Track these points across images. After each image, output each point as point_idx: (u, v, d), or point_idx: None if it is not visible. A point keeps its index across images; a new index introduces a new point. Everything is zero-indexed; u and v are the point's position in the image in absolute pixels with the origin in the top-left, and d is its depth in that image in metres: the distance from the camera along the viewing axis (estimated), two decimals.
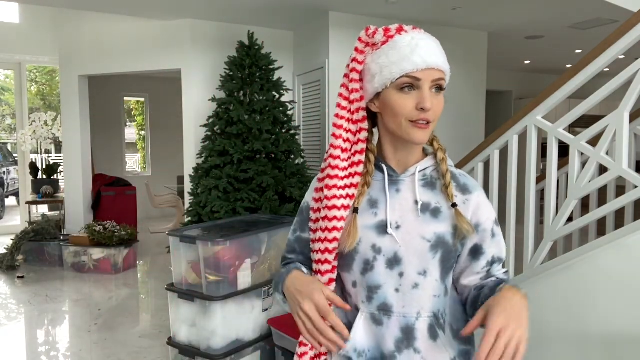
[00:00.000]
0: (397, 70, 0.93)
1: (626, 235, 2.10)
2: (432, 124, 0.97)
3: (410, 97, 0.94)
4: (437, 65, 0.95)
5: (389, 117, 0.97)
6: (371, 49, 0.98)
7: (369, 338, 0.99)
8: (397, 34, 0.96)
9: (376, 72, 0.96)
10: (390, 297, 0.98)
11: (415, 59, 0.93)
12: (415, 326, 0.99)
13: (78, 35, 5.75)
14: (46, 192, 6.44)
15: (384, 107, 0.98)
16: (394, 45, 0.95)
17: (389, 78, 0.94)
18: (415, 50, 0.93)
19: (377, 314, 0.99)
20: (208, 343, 2.58)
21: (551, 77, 8.68)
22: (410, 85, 0.94)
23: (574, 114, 2.31)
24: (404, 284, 0.98)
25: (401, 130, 0.96)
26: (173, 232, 2.70)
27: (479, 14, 4.89)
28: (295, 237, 1.13)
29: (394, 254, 0.98)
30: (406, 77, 0.93)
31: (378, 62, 0.96)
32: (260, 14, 4.85)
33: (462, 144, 5.52)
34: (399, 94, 0.94)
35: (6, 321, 3.86)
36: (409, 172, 1.04)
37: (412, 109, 0.94)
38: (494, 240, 1.06)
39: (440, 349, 1.00)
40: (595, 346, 2.24)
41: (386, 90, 0.96)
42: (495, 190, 2.73)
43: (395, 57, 0.94)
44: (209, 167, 4.20)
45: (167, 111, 8.70)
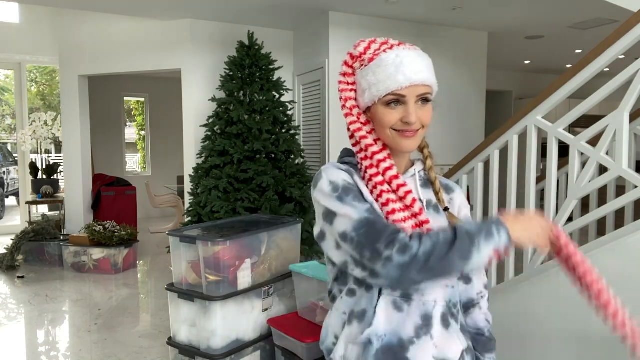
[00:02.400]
0: (383, 89, 1.00)
1: (626, 235, 2.10)
2: (421, 131, 1.04)
3: (396, 111, 1.01)
4: (421, 82, 1.01)
5: (378, 127, 1.04)
6: (360, 64, 1.05)
7: (388, 323, 1.01)
8: (382, 52, 1.02)
9: (365, 88, 1.03)
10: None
11: (399, 78, 0.99)
12: (432, 314, 1.02)
13: (78, 35, 5.75)
14: (46, 192, 6.44)
15: (374, 120, 1.05)
16: (379, 64, 1.01)
17: (377, 95, 1.01)
18: (400, 69, 0.99)
19: (398, 300, 1.02)
20: (208, 343, 2.58)
21: (551, 77, 8.68)
22: (396, 100, 1.01)
23: (574, 114, 2.31)
24: None
25: (389, 139, 1.04)
26: (173, 232, 2.70)
27: (479, 14, 4.89)
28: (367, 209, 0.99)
29: None
30: (391, 95, 1.00)
31: (366, 79, 1.03)
32: (260, 14, 4.85)
33: (462, 144, 5.52)
34: (386, 109, 1.01)
35: (6, 321, 3.86)
36: (409, 174, 1.12)
37: (397, 121, 1.01)
38: None
39: (453, 337, 1.04)
40: (595, 346, 2.24)
41: (375, 106, 1.03)
42: (495, 190, 2.73)
43: (381, 75, 1.00)
44: (209, 167, 4.20)
45: (167, 111, 8.70)
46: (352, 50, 1.07)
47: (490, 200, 2.73)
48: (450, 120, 5.50)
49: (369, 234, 0.94)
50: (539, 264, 2.48)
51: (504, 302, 2.65)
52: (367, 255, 0.93)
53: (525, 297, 2.54)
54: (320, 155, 4.90)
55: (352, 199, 0.99)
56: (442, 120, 5.47)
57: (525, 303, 2.54)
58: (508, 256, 1.08)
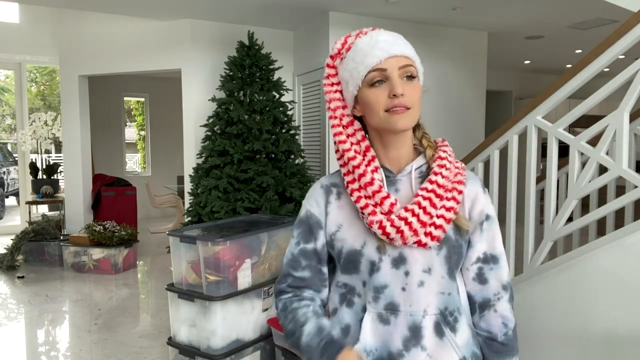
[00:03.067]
0: (363, 68, 0.98)
1: (626, 235, 2.10)
2: (412, 110, 0.99)
3: (382, 89, 0.98)
4: (400, 53, 0.99)
5: (369, 113, 1.01)
6: (340, 60, 1.05)
7: (376, 338, 1.00)
8: (357, 39, 1.03)
9: (348, 77, 1.01)
10: (397, 296, 0.99)
11: (376, 52, 0.98)
12: (422, 324, 0.99)
13: (78, 35, 5.75)
14: (46, 192, 6.44)
15: (364, 107, 1.02)
16: (355, 49, 1.01)
17: (359, 77, 0.99)
18: (375, 45, 0.99)
19: (384, 314, 1.00)
20: (208, 343, 2.58)
21: (551, 77, 8.68)
22: (380, 79, 0.98)
23: (574, 114, 2.31)
24: (410, 282, 0.99)
25: (383, 122, 0.99)
26: (173, 232, 2.70)
27: (479, 14, 4.89)
28: (300, 250, 1.09)
29: (398, 253, 1.00)
30: (373, 72, 0.98)
31: (347, 69, 1.02)
32: (260, 14, 4.85)
33: (462, 144, 5.52)
34: (371, 89, 0.99)
35: (6, 321, 3.86)
36: (406, 171, 1.05)
37: (385, 98, 0.97)
38: (483, 236, 1.07)
39: (447, 347, 1.00)
40: (595, 346, 2.24)
41: (361, 90, 1.00)
42: (495, 190, 2.73)
43: (359, 57, 0.99)
44: (209, 167, 4.20)
45: (167, 111, 8.70)
46: (331, 51, 1.06)
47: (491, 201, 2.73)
48: (450, 120, 5.50)
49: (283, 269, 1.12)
50: (539, 264, 2.48)
51: None
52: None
53: (525, 297, 2.54)
54: (320, 155, 4.90)
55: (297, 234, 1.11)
56: (442, 121, 5.47)
57: (525, 303, 2.54)
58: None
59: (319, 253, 1.08)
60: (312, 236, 1.08)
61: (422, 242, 0.97)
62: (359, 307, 1.03)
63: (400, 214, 0.97)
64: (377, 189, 0.99)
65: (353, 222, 1.03)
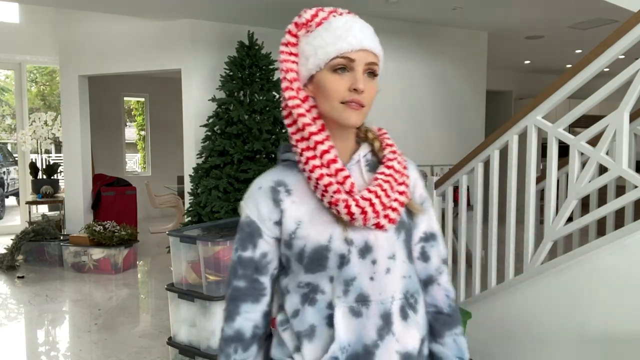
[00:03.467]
0: (332, 50, 0.93)
1: (626, 235, 2.10)
2: (366, 109, 0.97)
3: (344, 79, 0.94)
4: (371, 48, 0.96)
5: (323, 99, 0.97)
6: (305, 31, 0.98)
7: (349, 333, 0.97)
8: (332, 17, 0.98)
9: (310, 53, 0.96)
10: (366, 286, 0.98)
11: (350, 39, 0.93)
12: (391, 310, 0.99)
13: (78, 35, 5.75)
14: (46, 192, 6.44)
15: (318, 90, 0.97)
16: (328, 27, 0.96)
17: (324, 59, 0.94)
18: (350, 31, 0.94)
19: (355, 306, 0.97)
20: (208, 343, 2.58)
21: (551, 77, 8.67)
22: (344, 67, 0.94)
23: (574, 114, 2.31)
24: (378, 270, 0.98)
25: (335, 113, 0.96)
26: (173, 232, 2.70)
27: (479, 14, 4.89)
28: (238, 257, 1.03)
29: (364, 243, 0.98)
30: (340, 58, 0.93)
31: (313, 44, 0.96)
32: (260, 14, 4.85)
33: (462, 144, 5.52)
34: (333, 75, 0.95)
35: (6, 321, 3.86)
36: (354, 160, 1.04)
37: (345, 90, 0.94)
38: (424, 217, 1.10)
39: (411, 328, 1.01)
40: (595, 346, 2.24)
41: (320, 72, 0.96)
42: (495, 190, 2.73)
43: (329, 38, 0.94)
44: (209, 167, 4.20)
45: (167, 111, 8.70)
46: (297, 19, 1.00)
47: (490, 200, 2.73)
48: (450, 120, 5.50)
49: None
50: (539, 264, 2.48)
51: (504, 302, 2.65)
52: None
53: (525, 297, 2.54)
54: None
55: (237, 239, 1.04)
56: (442, 120, 5.47)
57: (525, 303, 2.54)
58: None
59: (256, 262, 1.01)
60: (249, 244, 1.01)
61: (380, 224, 0.97)
62: (322, 305, 0.98)
63: (364, 195, 0.95)
64: (333, 157, 0.96)
65: (314, 217, 0.98)
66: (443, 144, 5.50)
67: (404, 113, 5.22)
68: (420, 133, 5.33)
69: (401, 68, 5.12)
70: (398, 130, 5.33)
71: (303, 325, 0.99)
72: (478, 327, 2.70)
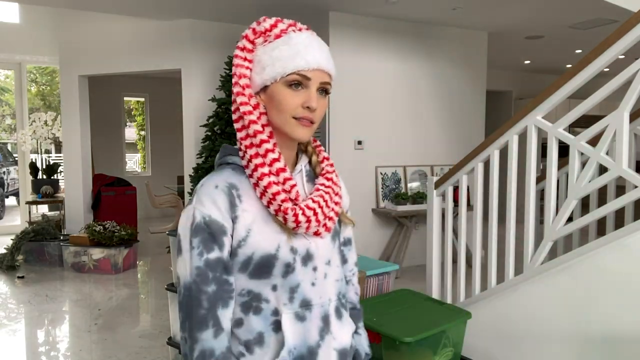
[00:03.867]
0: (291, 66, 0.95)
1: (626, 235, 2.10)
2: (315, 125, 0.99)
3: (298, 95, 0.96)
4: (327, 68, 0.98)
5: (275, 111, 0.98)
6: (263, 40, 1.00)
7: (295, 336, 1.00)
8: (291, 31, 0.99)
9: (267, 64, 0.97)
10: (308, 292, 1.02)
11: (308, 58, 0.95)
12: (329, 312, 1.05)
13: (78, 35, 5.75)
14: (46, 192, 6.44)
15: (271, 101, 0.98)
16: (288, 41, 0.97)
17: (281, 72, 0.95)
18: (309, 49, 0.96)
19: (300, 311, 1.01)
20: None
21: (551, 77, 8.68)
22: (299, 83, 0.96)
23: (574, 114, 2.31)
24: (318, 276, 1.04)
25: (286, 127, 0.98)
26: (173, 232, 2.70)
27: (479, 14, 4.89)
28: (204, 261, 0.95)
29: (306, 251, 1.02)
30: (297, 75, 0.95)
31: (271, 55, 0.97)
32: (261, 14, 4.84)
33: (462, 144, 5.52)
34: (288, 89, 0.96)
35: (6, 321, 3.86)
36: (297, 170, 1.07)
37: (297, 106, 0.96)
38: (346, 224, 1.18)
39: (344, 326, 1.09)
40: (595, 346, 2.24)
41: (275, 84, 0.97)
42: (495, 190, 2.73)
43: (288, 52, 0.96)
44: (209, 167, 4.20)
45: (167, 111, 8.70)
46: (255, 25, 1.01)
47: (490, 200, 2.74)
48: (450, 120, 5.50)
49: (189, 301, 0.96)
50: (539, 264, 2.48)
51: (504, 302, 2.65)
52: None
53: (525, 297, 2.54)
54: None
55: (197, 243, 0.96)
56: (442, 120, 5.47)
57: (525, 303, 2.55)
58: None
59: (224, 262, 0.97)
60: (214, 244, 0.95)
61: (318, 232, 1.02)
62: (267, 312, 0.99)
63: (309, 204, 0.99)
64: (282, 166, 0.98)
65: (263, 226, 0.98)
66: (443, 144, 5.50)
67: (404, 113, 5.22)
68: (420, 133, 5.34)
69: (401, 68, 5.12)
70: (398, 130, 5.35)
71: (251, 333, 0.99)
72: (478, 327, 2.70)
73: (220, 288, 0.96)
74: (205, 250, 0.95)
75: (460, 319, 2.47)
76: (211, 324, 0.93)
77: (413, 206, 4.94)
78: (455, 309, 2.61)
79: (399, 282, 4.57)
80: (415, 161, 5.36)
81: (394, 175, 5.21)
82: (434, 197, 3.10)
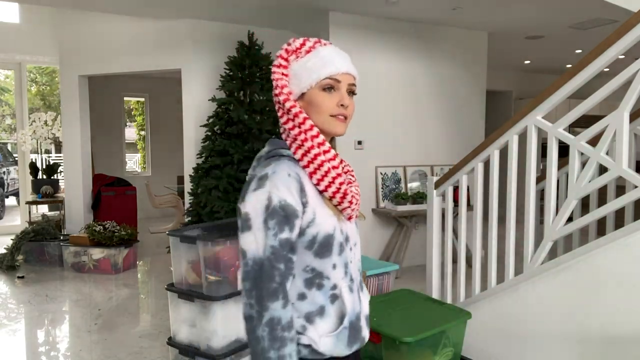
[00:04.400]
0: (324, 72, 1.14)
1: (626, 235, 2.10)
2: (348, 120, 1.18)
3: (332, 96, 1.15)
4: (352, 72, 1.19)
5: (314, 113, 1.15)
6: (295, 56, 1.18)
7: (351, 306, 1.18)
8: (319, 46, 1.19)
9: (303, 74, 1.15)
10: (352, 269, 1.21)
11: (337, 64, 1.16)
12: (359, 285, 1.25)
13: (78, 35, 5.75)
14: (46, 192, 6.44)
15: (309, 105, 1.16)
16: (317, 54, 1.17)
17: (316, 79, 1.14)
18: (336, 58, 1.17)
19: (350, 285, 1.19)
20: (208, 343, 2.58)
21: (551, 77, 8.68)
22: (331, 86, 1.15)
23: (574, 114, 2.31)
24: (354, 255, 1.23)
25: (325, 124, 1.15)
26: (173, 232, 2.70)
27: (479, 14, 4.89)
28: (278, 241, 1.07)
29: (347, 233, 1.20)
30: (329, 79, 1.14)
31: (305, 66, 1.16)
32: (260, 14, 4.85)
33: (462, 144, 5.52)
34: (323, 93, 1.15)
35: (6, 321, 3.86)
36: None
37: (333, 105, 1.15)
38: None
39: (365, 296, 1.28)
40: (595, 346, 2.24)
41: (311, 90, 1.15)
42: (495, 190, 2.73)
43: (320, 62, 1.15)
44: (209, 167, 4.20)
45: (167, 111, 8.70)
46: (287, 46, 1.18)
47: (490, 200, 2.74)
48: (450, 121, 5.50)
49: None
50: (539, 264, 2.48)
51: (504, 302, 2.65)
52: None
53: (526, 297, 2.54)
54: None
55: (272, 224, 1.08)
56: (442, 120, 5.47)
57: (525, 303, 2.55)
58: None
59: (292, 242, 1.09)
60: (286, 225, 1.07)
61: (350, 217, 1.21)
62: (328, 287, 1.15)
63: (354, 191, 1.18)
64: (332, 156, 1.15)
65: (322, 209, 1.14)
66: (443, 144, 5.50)
67: (404, 113, 5.22)
68: (420, 133, 5.34)
69: (401, 68, 5.12)
70: (398, 130, 5.34)
71: (314, 306, 1.15)
72: (478, 326, 2.70)
73: (287, 265, 1.09)
74: (279, 231, 1.07)
75: (460, 319, 2.48)
76: (281, 297, 1.06)
77: (413, 206, 4.94)
78: (455, 309, 2.61)
79: (399, 282, 4.57)
80: (415, 161, 5.36)
81: (394, 175, 5.21)
82: (434, 197, 3.10)
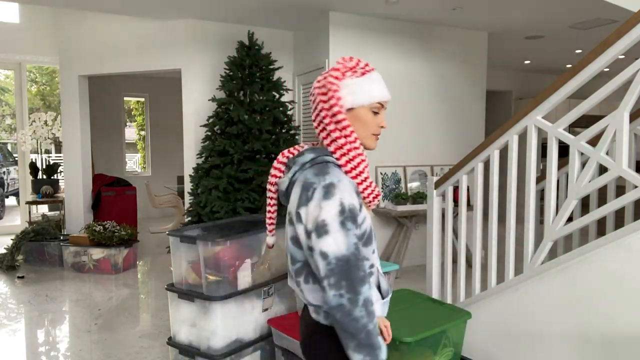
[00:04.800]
0: (377, 97, 1.35)
1: (626, 235, 2.10)
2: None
3: (376, 118, 1.37)
4: (389, 99, 1.41)
5: (360, 128, 1.36)
6: (351, 73, 1.35)
7: (382, 279, 1.45)
8: (369, 71, 1.37)
9: (358, 92, 1.33)
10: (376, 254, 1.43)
11: (385, 93, 1.38)
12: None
13: (78, 35, 5.75)
14: (46, 192, 6.44)
15: (356, 119, 1.35)
16: (369, 79, 1.36)
17: (370, 101, 1.34)
18: (383, 86, 1.38)
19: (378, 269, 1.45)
20: (208, 343, 2.58)
21: (551, 77, 8.68)
22: (378, 110, 1.36)
23: (574, 114, 2.31)
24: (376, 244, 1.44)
25: (365, 140, 1.37)
26: (173, 232, 2.70)
27: (479, 14, 4.89)
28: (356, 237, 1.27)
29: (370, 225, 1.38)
30: (379, 104, 1.36)
31: (360, 86, 1.33)
32: (260, 14, 4.85)
33: (462, 144, 5.52)
34: (371, 114, 1.36)
35: (6, 321, 3.86)
36: None
37: (376, 126, 1.37)
38: None
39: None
40: (595, 346, 2.24)
41: (362, 108, 1.34)
42: (495, 190, 2.73)
43: (374, 87, 1.35)
44: (209, 167, 4.20)
45: (167, 111, 8.70)
46: (343, 62, 1.35)
47: (490, 200, 2.74)
48: (450, 120, 5.50)
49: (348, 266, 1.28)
50: (539, 264, 2.48)
51: (504, 302, 2.65)
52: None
53: (526, 297, 2.54)
54: None
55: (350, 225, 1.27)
56: (442, 120, 5.47)
57: (525, 303, 2.55)
58: None
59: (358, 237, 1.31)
60: (355, 224, 1.28)
61: None
62: (368, 267, 1.36)
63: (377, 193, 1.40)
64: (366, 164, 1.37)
65: (364, 207, 1.34)
66: (443, 144, 5.50)
67: (404, 113, 5.22)
68: (420, 133, 5.34)
69: (401, 68, 5.12)
70: (398, 130, 5.34)
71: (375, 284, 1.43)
72: (478, 327, 2.70)
73: (362, 256, 1.30)
74: (352, 226, 1.26)
75: (460, 319, 2.48)
76: (367, 282, 1.25)
77: (413, 206, 4.94)
78: (455, 309, 2.61)
79: (399, 282, 4.57)
80: (415, 161, 5.36)
81: (394, 175, 5.21)
82: (434, 197, 3.10)
